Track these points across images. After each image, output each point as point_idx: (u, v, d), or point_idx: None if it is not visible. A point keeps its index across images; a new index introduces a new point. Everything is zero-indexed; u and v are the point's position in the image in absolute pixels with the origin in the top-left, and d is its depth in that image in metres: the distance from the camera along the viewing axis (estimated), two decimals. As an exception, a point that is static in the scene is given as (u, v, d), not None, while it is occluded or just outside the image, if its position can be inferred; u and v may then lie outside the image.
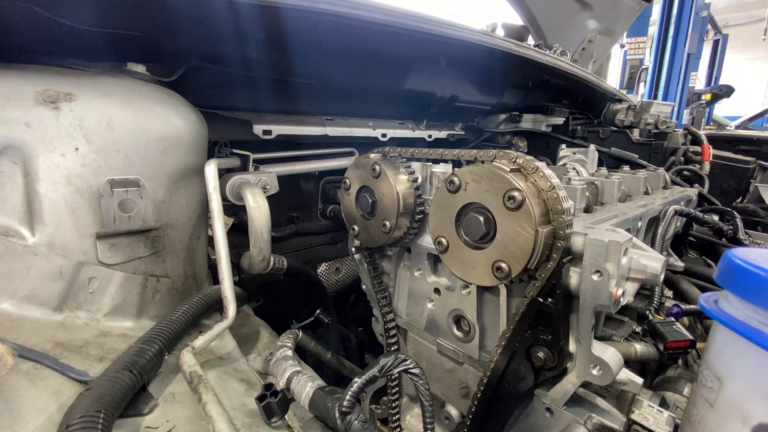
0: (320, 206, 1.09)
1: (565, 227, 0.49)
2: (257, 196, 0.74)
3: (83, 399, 0.43)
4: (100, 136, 0.59)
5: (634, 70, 6.61)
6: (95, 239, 0.60)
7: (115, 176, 0.61)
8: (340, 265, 1.17)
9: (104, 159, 0.60)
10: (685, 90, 6.14)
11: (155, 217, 0.65)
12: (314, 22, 0.68)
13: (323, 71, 0.91)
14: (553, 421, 0.52)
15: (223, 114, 0.82)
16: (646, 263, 0.48)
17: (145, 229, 0.65)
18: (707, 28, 7.00)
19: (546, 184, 0.50)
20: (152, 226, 0.65)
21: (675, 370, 0.73)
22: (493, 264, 0.52)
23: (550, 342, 0.51)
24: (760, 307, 0.32)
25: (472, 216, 0.53)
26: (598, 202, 0.85)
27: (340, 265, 1.18)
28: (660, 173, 1.15)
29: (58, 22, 0.57)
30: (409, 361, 0.50)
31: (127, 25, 0.63)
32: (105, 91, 0.62)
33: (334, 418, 0.47)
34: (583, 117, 1.89)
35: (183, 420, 0.51)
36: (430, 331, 0.69)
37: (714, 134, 2.35)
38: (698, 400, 0.38)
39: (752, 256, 0.35)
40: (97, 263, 0.60)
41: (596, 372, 0.49)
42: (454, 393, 0.68)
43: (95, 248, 0.60)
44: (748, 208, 1.49)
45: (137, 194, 0.63)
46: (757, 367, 0.32)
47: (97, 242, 0.60)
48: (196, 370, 0.56)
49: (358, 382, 0.46)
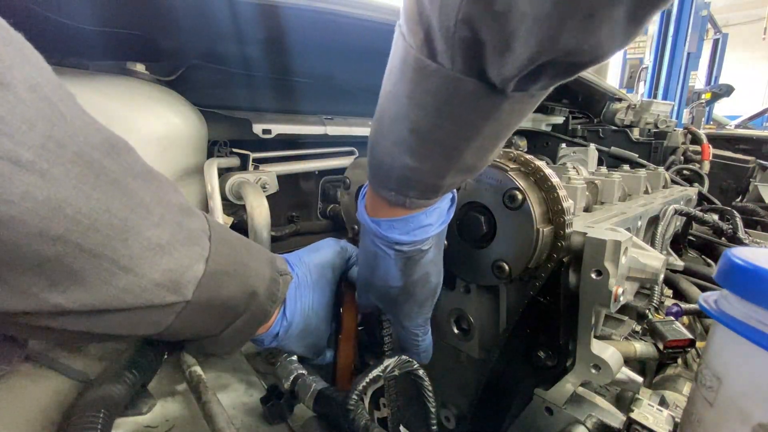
0: (320, 206, 1.08)
1: (565, 226, 0.49)
2: (257, 196, 0.74)
3: (83, 398, 0.43)
4: (99, 136, 0.59)
5: (633, 70, 6.62)
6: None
7: (114, 176, 0.60)
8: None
9: (104, 158, 0.60)
10: (685, 89, 6.14)
11: (155, 217, 0.65)
12: (314, 21, 0.68)
13: (323, 70, 0.91)
14: (552, 421, 0.52)
15: (223, 113, 0.82)
16: (646, 262, 0.48)
17: (144, 229, 0.64)
18: (707, 27, 7.00)
19: (546, 184, 0.50)
20: (152, 226, 0.65)
21: (674, 369, 0.73)
22: (493, 263, 0.52)
23: (549, 341, 0.51)
24: (759, 306, 0.32)
25: (472, 215, 0.53)
26: (597, 201, 0.85)
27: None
28: (660, 172, 1.15)
29: (57, 21, 0.57)
30: (412, 362, 0.50)
31: (127, 24, 0.63)
32: (104, 90, 0.62)
33: (338, 417, 0.47)
34: (583, 116, 1.89)
35: (183, 419, 0.51)
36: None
37: (714, 133, 2.35)
38: (698, 400, 0.38)
39: (752, 255, 0.35)
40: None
41: (596, 371, 0.49)
42: (454, 392, 0.68)
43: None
44: (748, 208, 1.49)
45: (137, 194, 0.62)
46: (757, 367, 0.32)
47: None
48: (196, 369, 0.56)
49: (361, 382, 0.46)
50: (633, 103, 1.68)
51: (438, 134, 0.34)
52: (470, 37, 0.27)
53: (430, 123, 0.33)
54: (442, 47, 0.29)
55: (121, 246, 0.30)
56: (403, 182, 0.38)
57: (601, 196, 0.86)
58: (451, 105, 0.31)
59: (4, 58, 0.24)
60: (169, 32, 0.68)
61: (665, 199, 0.98)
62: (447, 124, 0.33)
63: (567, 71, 0.29)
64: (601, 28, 0.24)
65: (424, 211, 0.42)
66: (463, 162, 0.36)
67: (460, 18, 0.26)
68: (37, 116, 0.25)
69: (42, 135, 0.25)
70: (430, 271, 0.47)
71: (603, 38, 0.25)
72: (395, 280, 0.46)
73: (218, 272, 0.38)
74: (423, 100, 0.32)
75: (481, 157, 0.37)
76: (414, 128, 0.34)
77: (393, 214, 0.42)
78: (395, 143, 0.37)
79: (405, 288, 0.47)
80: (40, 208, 0.25)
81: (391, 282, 0.47)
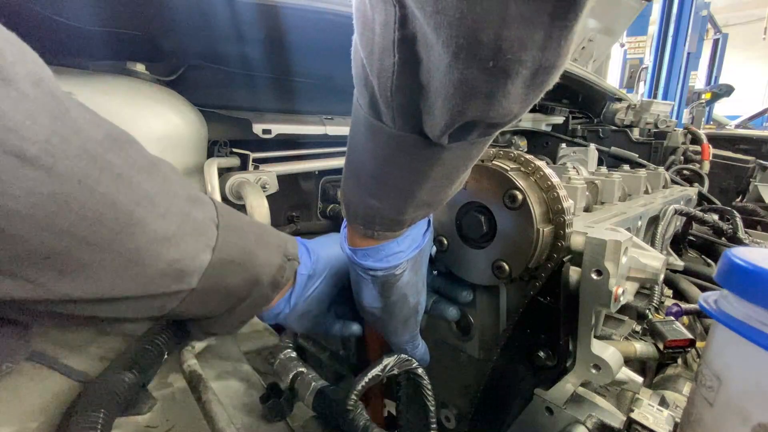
0: (320, 205, 1.08)
1: (566, 226, 0.49)
2: (257, 196, 0.74)
3: (83, 398, 0.43)
4: (99, 136, 0.59)
5: (633, 69, 6.61)
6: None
7: (114, 175, 0.60)
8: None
9: (104, 158, 0.60)
10: (685, 89, 6.14)
11: (155, 217, 0.65)
12: (314, 21, 0.68)
13: (323, 70, 0.91)
14: (553, 421, 0.52)
15: (223, 113, 0.82)
16: (647, 262, 0.48)
17: (144, 229, 0.64)
18: (707, 27, 7.00)
19: (546, 183, 0.50)
20: (152, 226, 0.65)
21: (674, 369, 0.73)
22: (494, 263, 0.52)
23: (549, 341, 0.51)
24: (759, 306, 0.32)
25: (472, 215, 0.53)
26: (598, 201, 0.85)
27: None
28: (660, 172, 1.15)
29: (57, 21, 0.57)
30: (412, 361, 0.50)
31: (127, 24, 0.63)
32: (104, 90, 0.62)
33: (338, 416, 0.47)
34: (583, 116, 1.89)
35: (182, 419, 0.51)
36: (430, 329, 0.69)
37: (714, 133, 2.35)
38: (697, 400, 0.38)
39: (752, 255, 0.35)
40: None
41: (596, 371, 0.49)
42: (454, 392, 0.68)
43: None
44: (748, 208, 1.49)
45: (137, 193, 0.62)
46: (757, 367, 0.32)
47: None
48: (195, 369, 0.56)
49: (361, 381, 0.46)
50: (633, 103, 1.68)
51: (392, 179, 0.38)
52: (405, 103, 0.31)
53: (385, 170, 0.38)
54: (384, 110, 0.33)
55: (127, 239, 0.31)
56: (369, 218, 0.42)
57: (601, 196, 0.86)
58: (399, 156, 0.36)
59: (6, 54, 0.24)
60: (169, 32, 0.68)
61: (665, 199, 0.98)
62: (398, 171, 0.37)
63: (490, 128, 0.33)
64: (501, 102, 0.27)
65: (396, 240, 0.45)
66: (420, 200, 0.40)
67: (394, 88, 0.30)
68: (42, 111, 0.25)
69: (47, 130, 0.25)
70: (408, 292, 0.49)
71: (505, 109, 0.28)
72: (375, 301, 0.49)
73: (224, 261, 0.39)
74: (376, 152, 0.37)
75: (436, 195, 0.41)
76: (372, 174, 0.39)
77: (366, 244, 0.45)
78: (358, 186, 0.42)
79: (385, 308, 0.50)
80: (46, 203, 0.26)
81: (373, 303, 0.50)
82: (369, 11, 0.29)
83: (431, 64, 0.27)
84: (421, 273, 0.51)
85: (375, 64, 0.30)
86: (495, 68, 0.25)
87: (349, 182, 0.43)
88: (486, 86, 0.26)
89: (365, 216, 0.42)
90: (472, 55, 0.24)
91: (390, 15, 0.27)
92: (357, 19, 0.32)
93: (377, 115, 0.34)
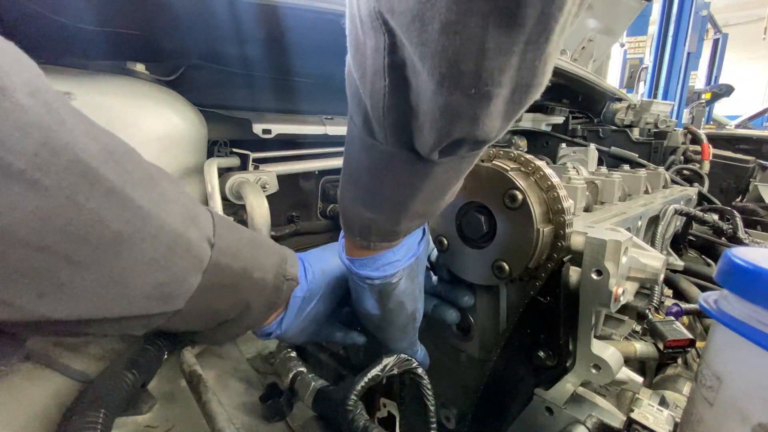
0: (320, 205, 1.08)
1: (566, 226, 0.49)
2: (257, 195, 0.74)
3: (83, 398, 0.43)
4: (99, 136, 0.59)
5: (633, 69, 6.61)
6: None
7: (114, 175, 0.60)
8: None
9: (104, 158, 0.59)
10: (685, 89, 6.14)
11: (155, 217, 0.65)
12: (314, 21, 0.68)
13: (323, 70, 0.91)
14: (553, 420, 0.52)
15: (223, 113, 0.82)
16: (647, 262, 0.48)
17: (144, 229, 0.64)
18: (707, 27, 7.00)
19: (546, 183, 0.50)
20: (152, 226, 0.65)
21: (674, 369, 0.73)
22: (494, 263, 0.52)
23: (549, 341, 0.51)
24: (759, 306, 0.32)
25: (472, 215, 0.53)
26: (598, 201, 0.85)
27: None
28: (660, 172, 1.15)
29: (56, 21, 0.57)
30: (411, 360, 0.50)
31: (127, 24, 0.63)
32: (104, 90, 0.62)
33: (337, 416, 0.47)
34: (583, 116, 1.89)
35: (182, 419, 0.51)
36: (430, 330, 0.69)
37: (714, 133, 2.35)
38: (698, 400, 0.38)
39: (752, 255, 0.35)
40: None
41: (596, 371, 0.49)
42: (454, 392, 0.68)
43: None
44: (748, 207, 1.49)
45: (137, 193, 0.62)
46: (757, 367, 0.32)
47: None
48: (195, 369, 0.56)
49: (361, 381, 0.46)
50: (633, 103, 1.68)
51: (386, 193, 0.40)
52: (396, 122, 0.32)
53: (379, 184, 0.39)
54: (377, 128, 0.34)
55: (112, 258, 0.29)
56: (365, 230, 0.43)
57: (601, 196, 0.86)
58: (391, 171, 0.37)
59: (1, 64, 0.24)
60: (169, 32, 0.68)
61: (665, 199, 0.98)
62: (392, 185, 0.39)
63: (478, 144, 0.34)
64: (485, 122, 0.29)
65: (392, 250, 0.46)
66: (414, 212, 0.41)
67: (386, 109, 0.31)
68: (34, 123, 0.25)
69: (35, 143, 0.25)
70: (404, 300, 0.50)
71: (489, 128, 0.30)
72: (373, 309, 0.50)
73: (214, 285, 0.38)
74: (370, 167, 0.39)
75: (429, 206, 0.42)
76: (367, 188, 0.41)
77: (363, 254, 0.46)
78: (354, 199, 0.43)
79: (383, 316, 0.51)
80: (29, 218, 0.25)
81: (371, 310, 0.50)
82: (361, 35, 0.30)
83: (419, 88, 0.29)
84: (418, 281, 0.52)
85: (367, 86, 0.32)
86: (477, 94, 0.26)
87: (346, 195, 0.44)
88: (470, 110, 0.28)
89: (361, 227, 0.43)
90: (455, 83, 0.26)
91: (380, 41, 0.28)
92: (350, 42, 0.33)
93: (371, 133, 0.36)
